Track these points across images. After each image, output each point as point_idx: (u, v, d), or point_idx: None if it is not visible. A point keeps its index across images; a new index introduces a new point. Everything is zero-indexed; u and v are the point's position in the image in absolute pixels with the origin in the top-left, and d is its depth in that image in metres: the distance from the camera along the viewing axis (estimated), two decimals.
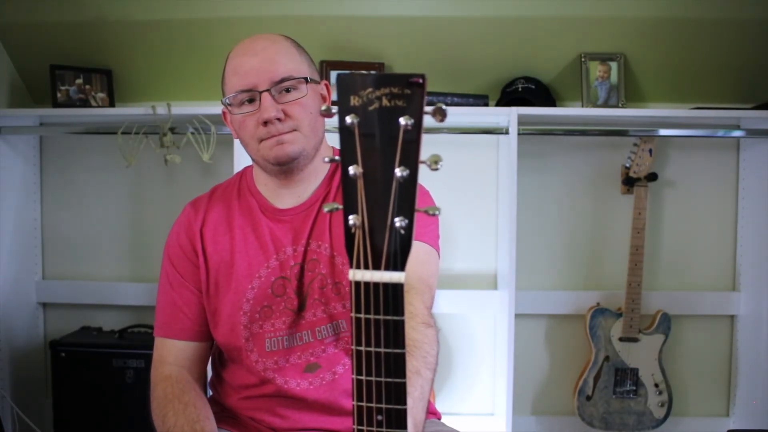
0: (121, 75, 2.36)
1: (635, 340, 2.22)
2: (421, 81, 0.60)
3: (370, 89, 0.61)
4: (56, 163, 2.50)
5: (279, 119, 1.08)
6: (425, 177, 1.26)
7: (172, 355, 1.17)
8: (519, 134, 2.13)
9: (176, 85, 2.38)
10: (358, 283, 0.63)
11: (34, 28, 2.25)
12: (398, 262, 0.62)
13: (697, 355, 2.44)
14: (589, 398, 2.25)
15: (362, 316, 0.64)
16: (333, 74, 2.23)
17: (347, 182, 0.62)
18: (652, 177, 2.21)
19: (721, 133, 2.29)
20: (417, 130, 0.60)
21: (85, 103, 2.28)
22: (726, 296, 2.42)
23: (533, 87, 2.24)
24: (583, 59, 2.26)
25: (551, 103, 2.29)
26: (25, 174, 2.44)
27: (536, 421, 2.47)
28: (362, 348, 0.64)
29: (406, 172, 0.61)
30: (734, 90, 2.32)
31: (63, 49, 2.29)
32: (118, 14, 2.21)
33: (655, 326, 2.24)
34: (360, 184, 0.61)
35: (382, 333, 0.63)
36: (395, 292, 0.63)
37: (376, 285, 0.63)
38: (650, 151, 2.19)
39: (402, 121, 0.60)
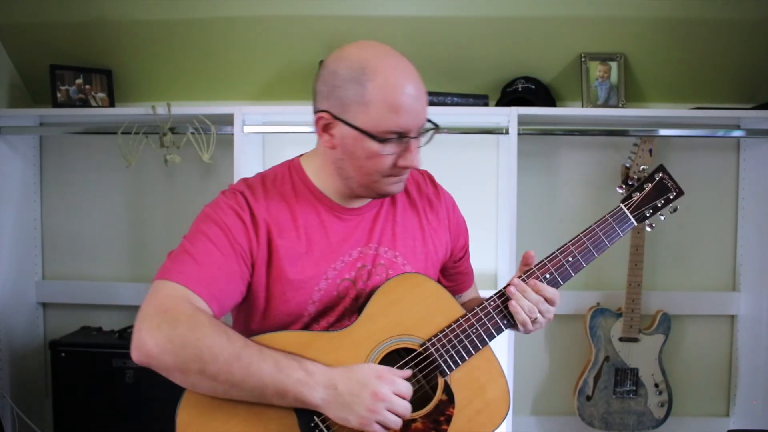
0: (121, 75, 2.36)
1: (635, 340, 2.22)
2: None
3: None
4: (56, 163, 2.50)
5: None
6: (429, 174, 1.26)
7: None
8: (519, 134, 2.14)
9: (176, 85, 2.37)
10: None
11: (34, 28, 2.25)
12: None
13: (697, 355, 2.44)
14: (589, 398, 2.25)
15: None
16: None
17: None
18: None
19: (721, 133, 2.28)
20: None
21: (85, 103, 2.28)
22: (726, 296, 2.42)
23: (533, 87, 2.24)
24: (583, 59, 2.26)
25: (551, 103, 2.29)
26: (25, 174, 2.44)
27: (536, 421, 2.47)
28: None
29: None
30: (734, 90, 2.32)
31: (63, 49, 2.29)
32: (118, 14, 2.21)
33: (655, 326, 2.24)
34: None
35: None
36: None
37: None
38: (650, 151, 2.19)
39: None
